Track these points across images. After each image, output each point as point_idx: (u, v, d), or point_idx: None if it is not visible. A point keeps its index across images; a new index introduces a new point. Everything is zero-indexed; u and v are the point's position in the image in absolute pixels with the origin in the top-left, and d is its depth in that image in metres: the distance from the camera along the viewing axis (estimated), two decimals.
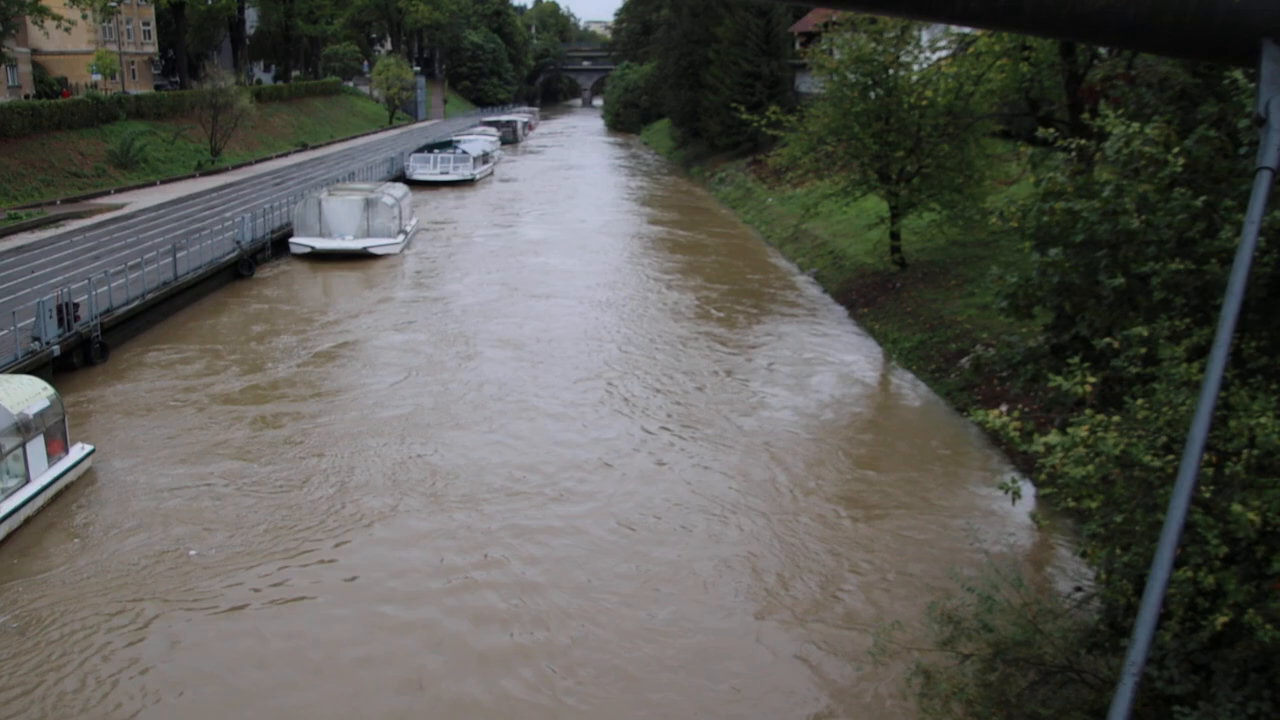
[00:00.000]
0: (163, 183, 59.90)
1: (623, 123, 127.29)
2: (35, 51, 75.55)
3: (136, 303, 30.26)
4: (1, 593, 15.57)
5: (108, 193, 55.04)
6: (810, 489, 20.06)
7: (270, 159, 75.92)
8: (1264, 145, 2.01)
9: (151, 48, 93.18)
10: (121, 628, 14.65)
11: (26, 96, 67.84)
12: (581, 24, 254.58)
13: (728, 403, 25.01)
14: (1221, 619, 8.14)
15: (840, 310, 34.85)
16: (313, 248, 42.85)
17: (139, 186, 57.84)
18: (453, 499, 19.31)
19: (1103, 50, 25.25)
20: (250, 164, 71.50)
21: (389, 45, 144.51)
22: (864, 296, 34.63)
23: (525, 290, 38.19)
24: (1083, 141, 12.30)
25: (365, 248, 43.02)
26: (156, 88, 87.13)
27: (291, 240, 43.25)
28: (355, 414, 24.04)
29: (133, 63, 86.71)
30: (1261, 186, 1.99)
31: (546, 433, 22.96)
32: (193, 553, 16.89)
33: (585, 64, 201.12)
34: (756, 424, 23.55)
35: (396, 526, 18.19)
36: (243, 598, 15.65)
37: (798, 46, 70.57)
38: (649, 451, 21.88)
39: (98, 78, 75.73)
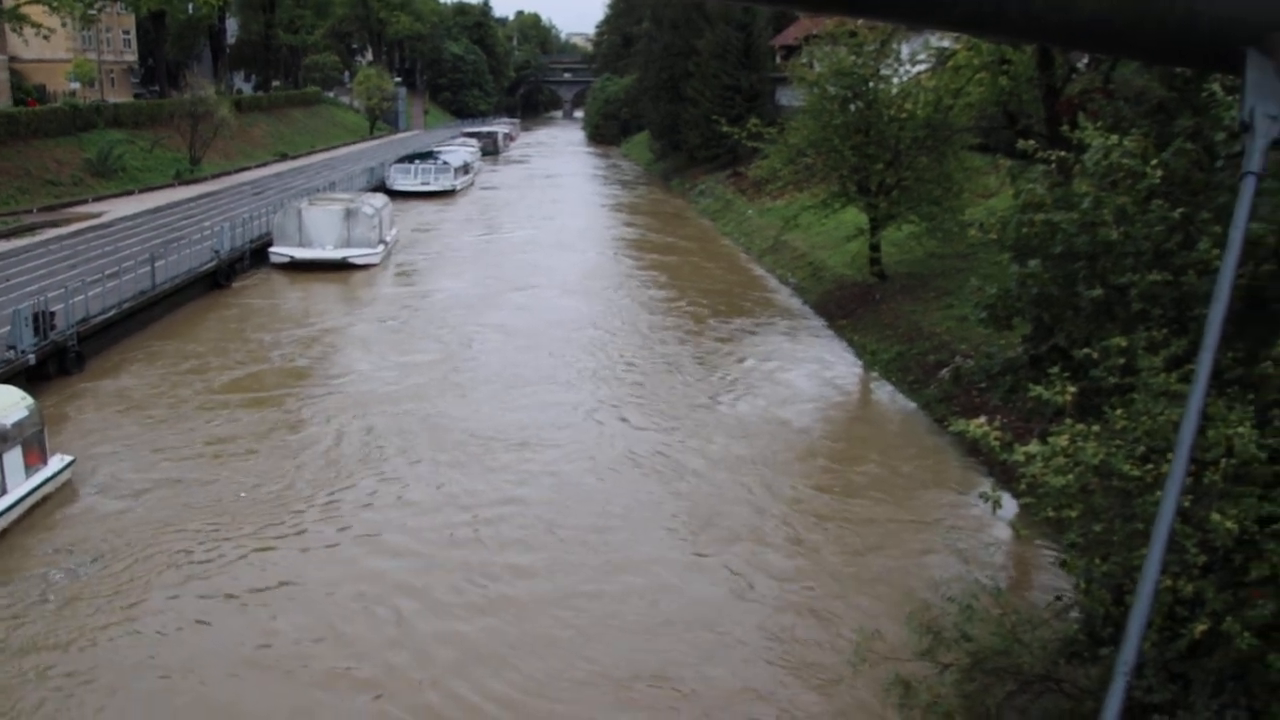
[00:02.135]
0: (141, 191, 59.57)
1: (603, 135, 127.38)
2: (13, 59, 75.05)
3: (114, 312, 30.07)
4: None
5: (85, 201, 54.70)
6: (786, 498, 20.10)
7: (250, 169, 75.59)
8: (1248, 151, 2.05)
9: (131, 56, 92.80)
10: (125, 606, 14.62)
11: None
12: (562, 36, 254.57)
13: (704, 410, 25.06)
14: (1200, 627, 8.19)
15: (819, 321, 34.97)
16: (292, 257, 42.70)
17: (117, 195, 57.49)
18: (453, 448, 22.39)
19: (1080, 64, 25.48)
20: (229, 173, 71.18)
21: (370, 56, 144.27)
22: (843, 308, 34.76)
23: (511, 283, 40.64)
24: (1061, 154, 12.40)
25: (345, 258, 42.91)
26: (136, 96, 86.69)
27: (271, 250, 43.08)
28: (349, 393, 26.24)
29: (112, 71, 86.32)
30: (1247, 192, 2.03)
31: (534, 401, 25.76)
32: (243, 494, 19.49)
33: (566, 76, 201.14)
34: (733, 435, 23.58)
35: (407, 471, 21.12)
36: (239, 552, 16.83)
37: (778, 60, 70.86)
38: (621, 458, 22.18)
39: (76, 86, 75.30)
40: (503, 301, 37.68)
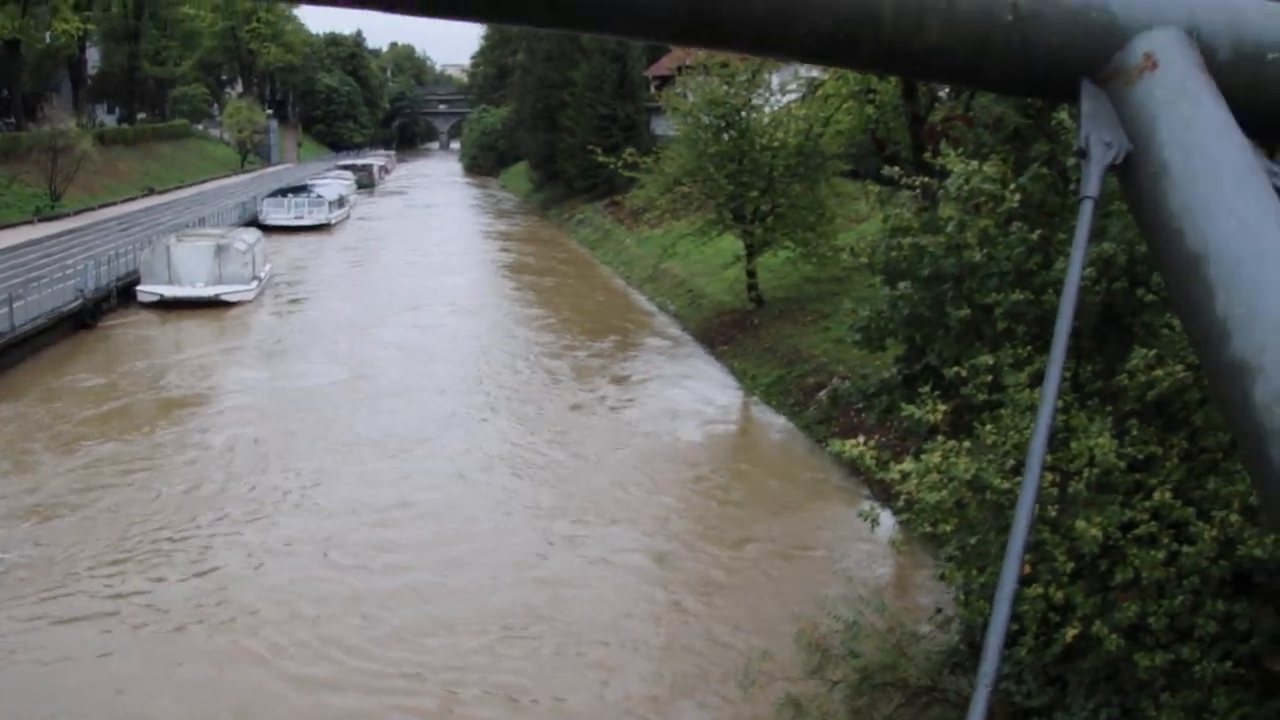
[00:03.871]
0: None
1: (480, 166, 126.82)
2: None
3: None
4: None
5: None
6: (668, 523, 20.20)
7: (115, 204, 73.09)
8: (1085, 177, 2.19)
9: None
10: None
11: None
12: (438, 67, 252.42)
13: (587, 439, 25.07)
14: (1071, 631, 8.49)
15: (699, 348, 35.30)
16: (161, 296, 41.40)
17: None
18: (351, 450, 24.18)
19: (943, 93, 26.37)
20: (94, 209, 68.66)
21: (240, 88, 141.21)
22: (722, 334, 35.16)
23: (391, 310, 41.49)
24: (926, 179, 12.82)
25: (217, 295, 41.76)
26: None
27: (139, 288, 41.69)
28: (244, 409, 27.22)
29: None
30: (1085, 215, 2.16)
31: (419, 408, 27.61)
32: (161, 490, 20.88)
33: (442, 107, 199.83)
34: (614, 463, 23.62)
35: (310, 469, 22.71)
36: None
37: (652, 90, 71.61)
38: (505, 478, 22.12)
39: None
40: (387, 326, 38.28)
